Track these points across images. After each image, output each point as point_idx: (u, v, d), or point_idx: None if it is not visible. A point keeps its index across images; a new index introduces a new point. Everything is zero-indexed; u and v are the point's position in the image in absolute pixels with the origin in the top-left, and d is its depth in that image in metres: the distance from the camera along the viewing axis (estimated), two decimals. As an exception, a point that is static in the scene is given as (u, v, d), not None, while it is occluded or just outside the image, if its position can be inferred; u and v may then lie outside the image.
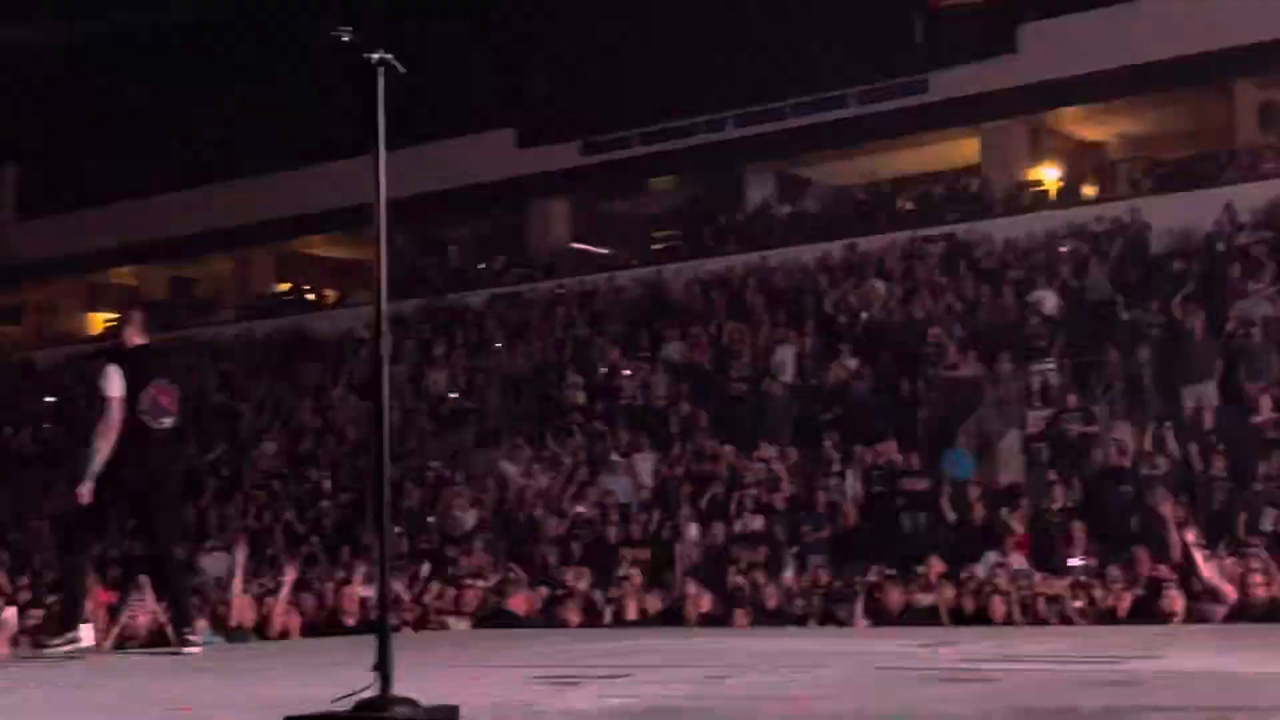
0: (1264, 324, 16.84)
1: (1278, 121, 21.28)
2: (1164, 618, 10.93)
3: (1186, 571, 11.92)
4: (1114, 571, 12.60)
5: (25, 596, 12.34)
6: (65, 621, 8.04)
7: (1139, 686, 5.21)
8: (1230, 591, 11.47)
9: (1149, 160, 22.08)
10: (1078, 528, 14.16)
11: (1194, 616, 11.04)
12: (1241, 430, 15.49)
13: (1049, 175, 22.95)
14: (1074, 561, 13.58)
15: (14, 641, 8.55)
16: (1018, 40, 22.05)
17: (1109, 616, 11.50)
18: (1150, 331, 17.70)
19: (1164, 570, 12.23)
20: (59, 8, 27.56)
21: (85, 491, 7.74)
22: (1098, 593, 12.08)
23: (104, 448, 7.66)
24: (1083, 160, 23.52)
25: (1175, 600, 11.19)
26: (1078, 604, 11.82)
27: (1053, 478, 15.64)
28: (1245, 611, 10.96)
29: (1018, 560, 13.51)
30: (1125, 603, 11.73)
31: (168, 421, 7.86)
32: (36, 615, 9.98)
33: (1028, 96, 22.62)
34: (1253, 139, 21.33)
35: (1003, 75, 22.31)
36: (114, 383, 7.72)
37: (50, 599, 10.61)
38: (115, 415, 7.63)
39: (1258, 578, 11.42)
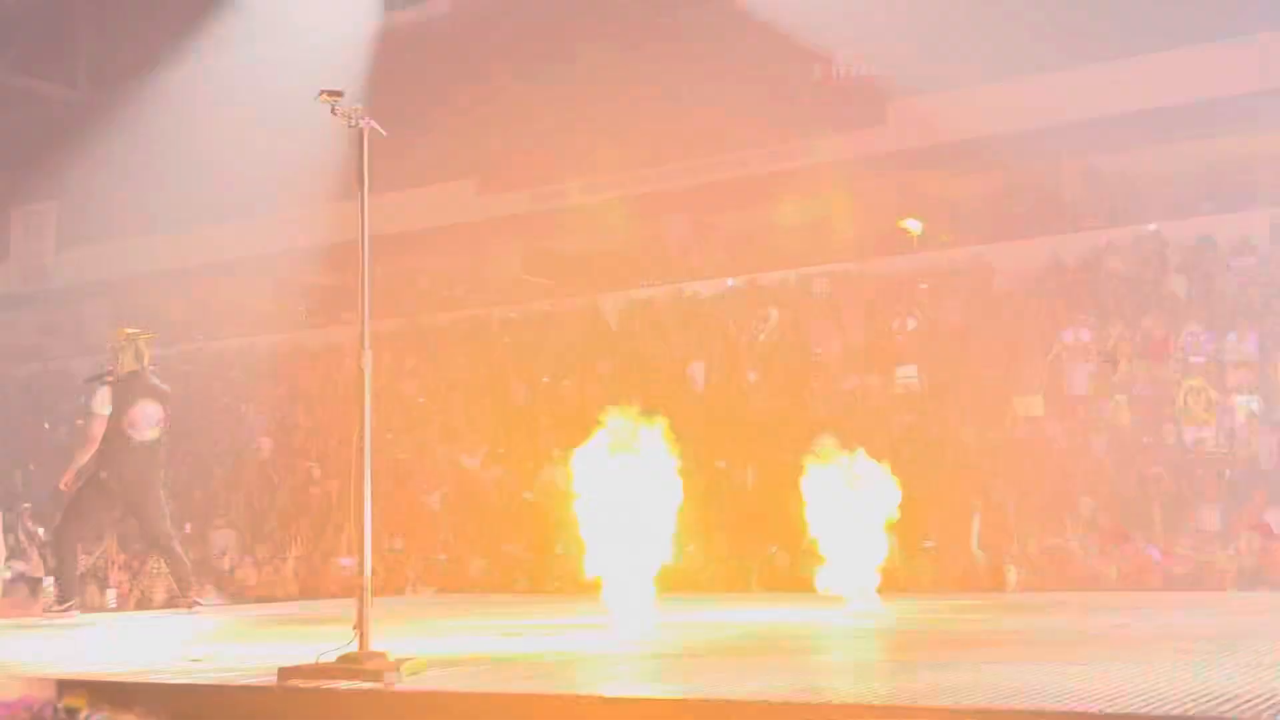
0: (1078, 348, 17.44)
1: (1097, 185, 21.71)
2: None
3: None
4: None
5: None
6: (63, 594, 8.41)
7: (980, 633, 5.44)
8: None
9: (991, 214, 22.34)
10: (928, 507, 14.67)
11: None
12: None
13: (912, 225, 23.21)
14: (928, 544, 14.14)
15: (48, 610, 8.67)
16: (886, 115, 22.39)
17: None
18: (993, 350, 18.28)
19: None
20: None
21: (65, 483, 8.17)
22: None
23: (80, 455, 8.06)
24: (940, 212, 23.79)
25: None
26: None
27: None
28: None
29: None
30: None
31: (149, 435, 8.22)
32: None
33: (890, 163, 22.66)
34: (1079, 197, 21.81)
35: (871, 141, 22.68)
36: (102, 402, 8.14)
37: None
38: (95, 429, 8.03)
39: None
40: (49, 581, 10.34)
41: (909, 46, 19.83)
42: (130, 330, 10.08)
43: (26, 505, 20.19)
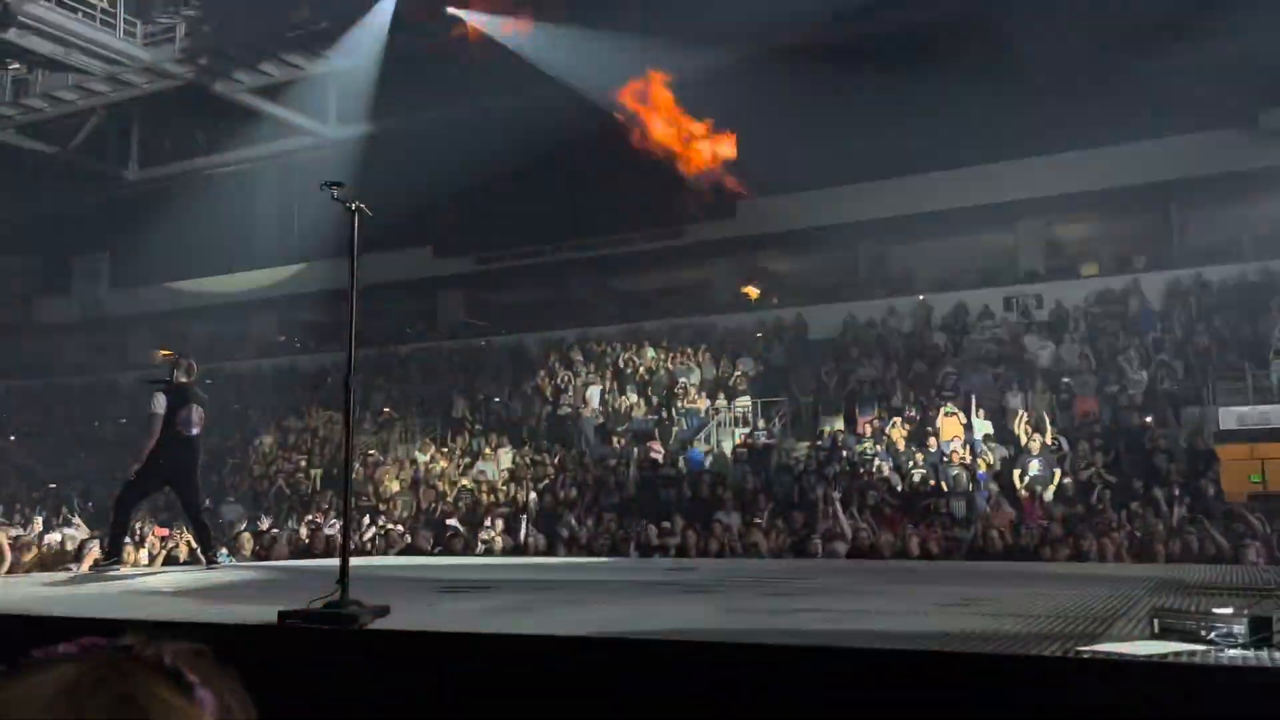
0: (868, 382, 17.82)
1: (883, 269, 22.22)
2: (810, 555, 11.23)
3: (832, 528, 12.54)
4: (781, 524, 13.22)
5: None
6: (111, 551, 8.26)
7: (799, 597, 5.58)
8: (849, 540, 12.12)
9: (808, 284, 22.74)
10: (763, 499, 14.74)
11: (827, 554, 11.62)
12: (855, 442, 16.28)
13: (753, 288, 23.42)
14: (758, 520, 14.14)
15: (95, 564, 8.58)
16: (736, 210, 22.69)
17: (785, 552, 12.02)
18: (809, 384, 18.61)
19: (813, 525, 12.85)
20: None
21: (134, 469, 8.08)
22: (779, 537, 12.65)
23: (146, 444, 7.97)
24: (768, 283, 24.11)
25: (817, 546, 11.63)
26: (765, 542, 12.37)
27: (748, 470, 16.30)
28: (857, 552, 11.54)
29: (732, 518, 13.77)
30: (785, 544, 12.28)
31: (194, 431, 8.15)
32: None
33: (740, 246, 23.23)
34: (871, 275, 22.27)
35: (727, 229, 23.01)
36: (159, 404, 8.08)
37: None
38: (155, 426, 7.95)
39: (864, 532, 12.14)
40: (91, 544, 10.04)
41: (751, 161, 20.13)
42: (167, 352, 10.02)
43: (78, 484, 19.76)
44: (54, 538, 12.30)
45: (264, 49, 21.58)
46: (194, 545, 9.69)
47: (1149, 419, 15.34)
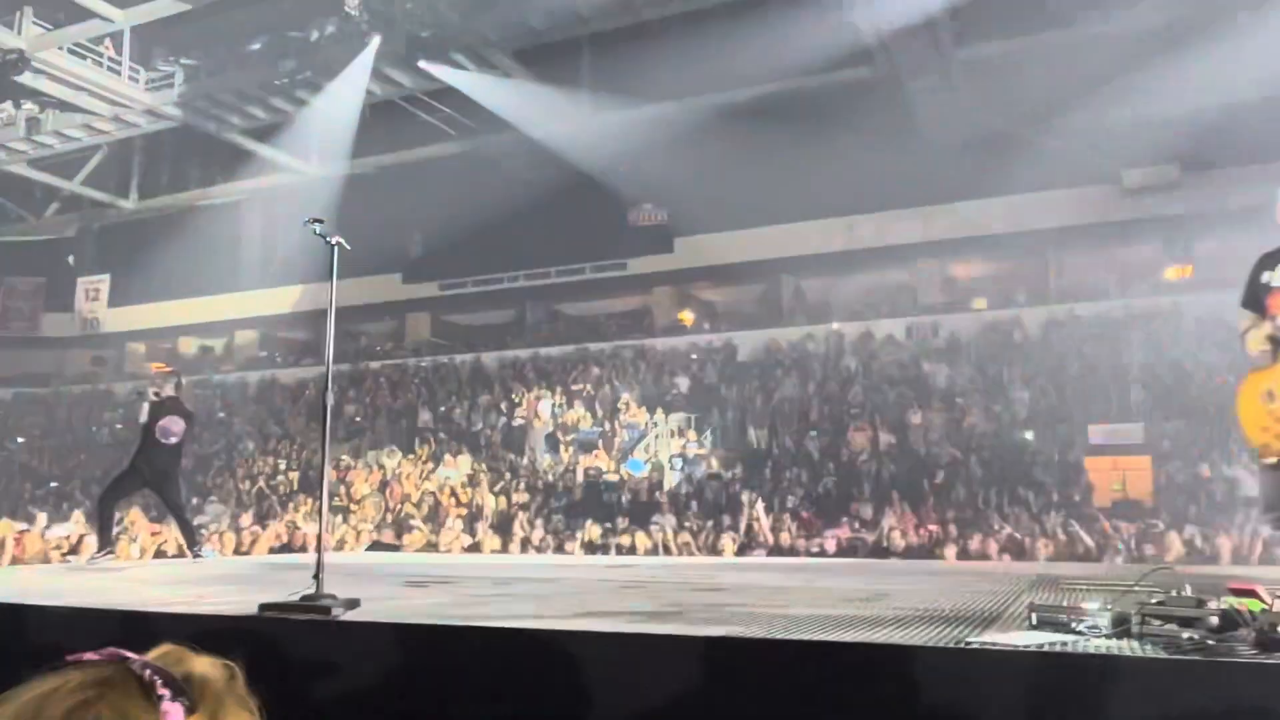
0: (788, 399, 17.93)
1: (801, 300, 22.42)
2: (736, 553, 11.40)
3: (751, 530, 12.59)
4: (710, 526, 13.25)
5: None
6: (101, 544, 8.13)
7: (723, 591, 5.60)
8: (770, 540, 12.19)
9: (737, 313, 22.86)
10: (695, 504, 14.71)
11: (749, 553, 11.66)
12: (780, 454, 16.38)
13: (687, 315, 23.49)
14: (679, 520, 14.10)
15: (91, 557, 8.46)
16: (674, 246, 22.87)
17: (708, 551, 12.12)
18: (737, 401, 18.65)
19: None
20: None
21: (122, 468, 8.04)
22: (708, 537, 12.64)
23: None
24: (701, 310, 24.20)
25: (743, 545, 11.70)
26: (695, 542, 12.38)
27: (682, 478, 16.33)
28: (777, 551, 11.63)
29: (667, 520, 13.81)
30: (721, 542, 12.32)
31: (172, 440, 8.05)
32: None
33: (675, 277, 23.40)
34: (791, 305, 22.49)
35: (664, 263, 23.14)
36: (141, 413, 8.06)
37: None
38: (139, 432, 7.97)
39: (785, 534, 12.22)
40: (88, 538, 9.86)
41: (687, 202, 20.28)
42: (160, 366, 9.83)
43: (78, 482, 19.27)
44: (55, 532, 11.97)
45: (253, 95, 21.35)
46: (181, 541, 9.52)
47: (1029, 434, 15.65)
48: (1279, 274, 4.03)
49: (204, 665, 0.88)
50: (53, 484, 19.99)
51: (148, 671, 0.85)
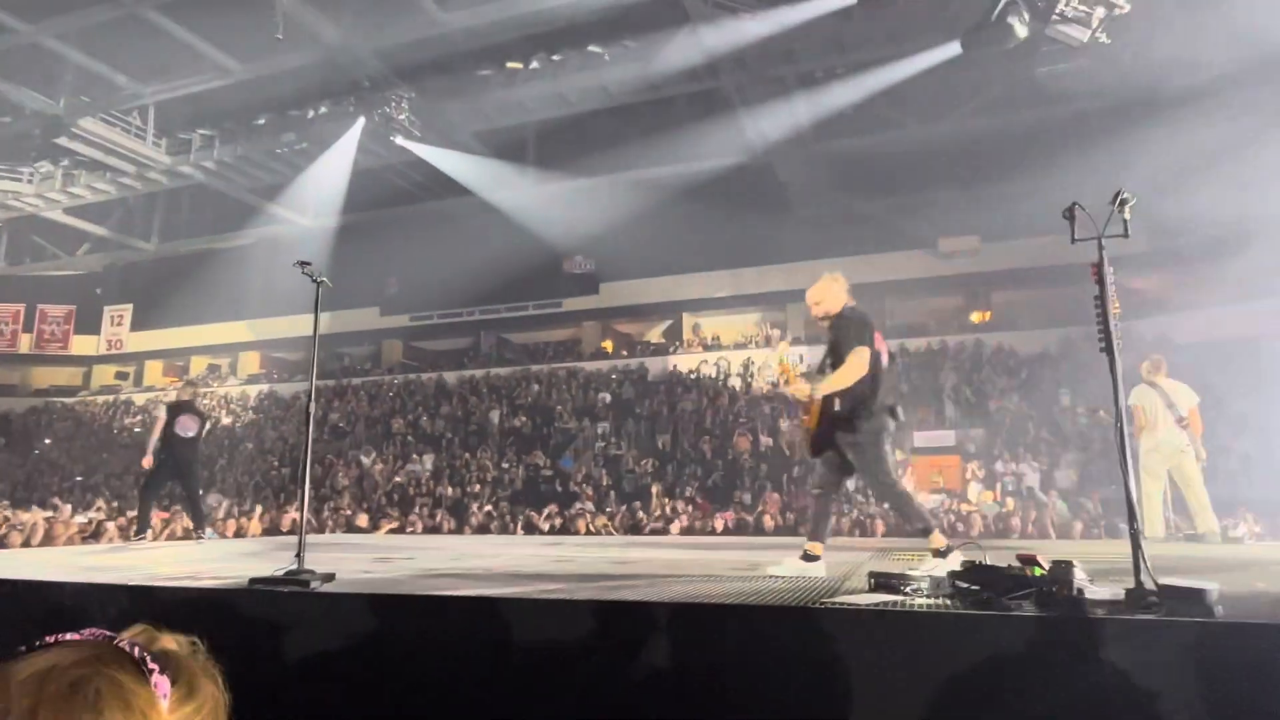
0: (689, 411, 17.96)
1: (698, 333, 22.54)
2: (644, 533, 11.31)
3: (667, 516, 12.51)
4: (625, 512, 13.18)
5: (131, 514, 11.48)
6: (139, 528, 7.72)
7: (633, 564, 5.49)
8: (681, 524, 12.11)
9: (646, 342, 22.95)
10: (613, 494, 14.65)
11: (658, 534, 11.58)
12: (681, 454, 16.39)
13: (609, 344, 23.42)
14: (607, 509, 14.00)
15: (129, 538, 8.07)
16: (599, 289, 22.81)
17: (627, 532, 12.00)
18: (647, 411, 18.64)
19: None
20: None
21: (145, 461, 7.66)
22: (624, 521, 12.59)
23: (149, 441, 7.66)
24: (620, 340, 24.15)
25: (651, 528, 11.52)
26: (613, 525, 12.30)
27: (604, 472, 16.21)
28: (689, 531, 11.56)
29: (588, 507, 13.69)
30: (627, 527, 12.24)
31: (189, 433, 7.72)
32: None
33: (600, 314, 23.31)
34: (690, 338, 22.62)
35: (591, 302, 23.07)
36: (160, 412, 7.74)
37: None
38: (158, 429, 7.64)
39: (684, 518, 12.18)
40: (108, 524, 9.36)
41: (610, 255, 20.26)
42: (173, 379, 9.46)
43: (100, 477, 18.21)
44: (80, 519, 11.32)
45: (259, 161, 20.71)
46: (188, 525, 9.11)
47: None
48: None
49: (173, 641, 0.80)
50: (77, 478, 18.87)
51: (136, 649, 0.78)
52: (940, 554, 3.88)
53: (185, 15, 15.14)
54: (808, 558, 4.00)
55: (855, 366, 4.06)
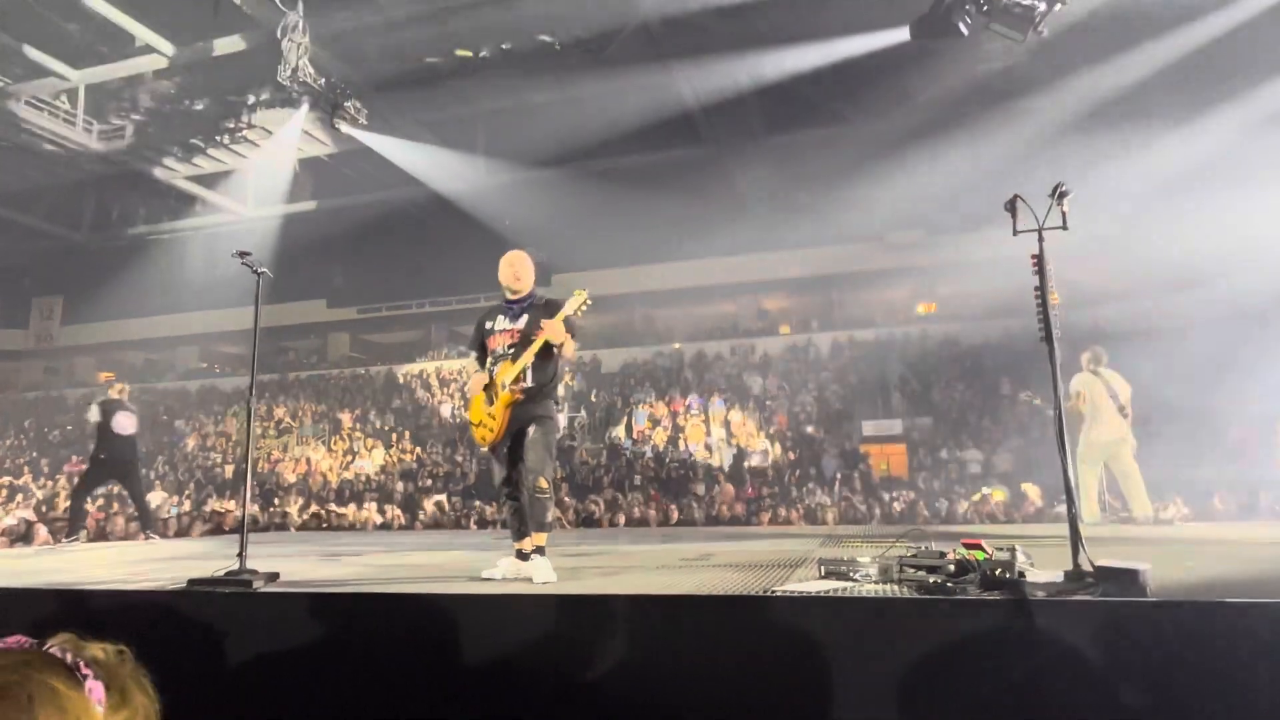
0: (640, 402, 17.96)
1: (651, 324, 22.55)
2: (598, 525, 11.13)
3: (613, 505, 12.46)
4: (578, 503, 13.11)
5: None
6: (71, 530, 7.48)
7: (587, 555, 5.47)
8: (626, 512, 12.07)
9: (605, 334, 22.86)
10: (566, 485, 14.51)
11: (611, 524, 11.54)
12: (631, 444, 16.37)
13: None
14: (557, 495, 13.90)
15: (60, 540, 7.80)
16: (551, 280, 22.57)
17: (579, 524, 11.87)
18: (600, 403, 18.60)
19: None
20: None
21: (80, 461, 7.51)
22: (577, 512, 12.49)
23: (90, 446, 7.55)
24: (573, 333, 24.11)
25: (604, 518, 11.59)
26: (566, 517, 12.20)
27: (556, 464, 16.17)
28: (631, 522, 11.54)
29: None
30: (580, 517, 12.15)
31: (128, 432, 7.53)
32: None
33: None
34: (643, 329, 22.60)
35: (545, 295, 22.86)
36: (94, 414, 7.54)
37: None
38: (91, 429, 7.53)
39: (636, 507, 12.13)
40: (39, 526, 9.01)
41: (562, 246, 20.12)
42: (108, 375, 9.12)
43: (30, 477, 17.46)
44: (9, 521, 10.83)
45: (197, 148, 20.02)
46: (125, 523, 8.84)
47: (821, 429, 16.24)
48: (499, 321, 4.05)
49: (100, 650, 0.76)
50: (6, 479, 18.07)
51: (69, 655, 0.74)
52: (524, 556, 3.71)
53: (116, -7, 14.55)
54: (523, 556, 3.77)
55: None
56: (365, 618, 2.88)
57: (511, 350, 3.93)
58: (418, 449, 17.20)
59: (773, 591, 2.76)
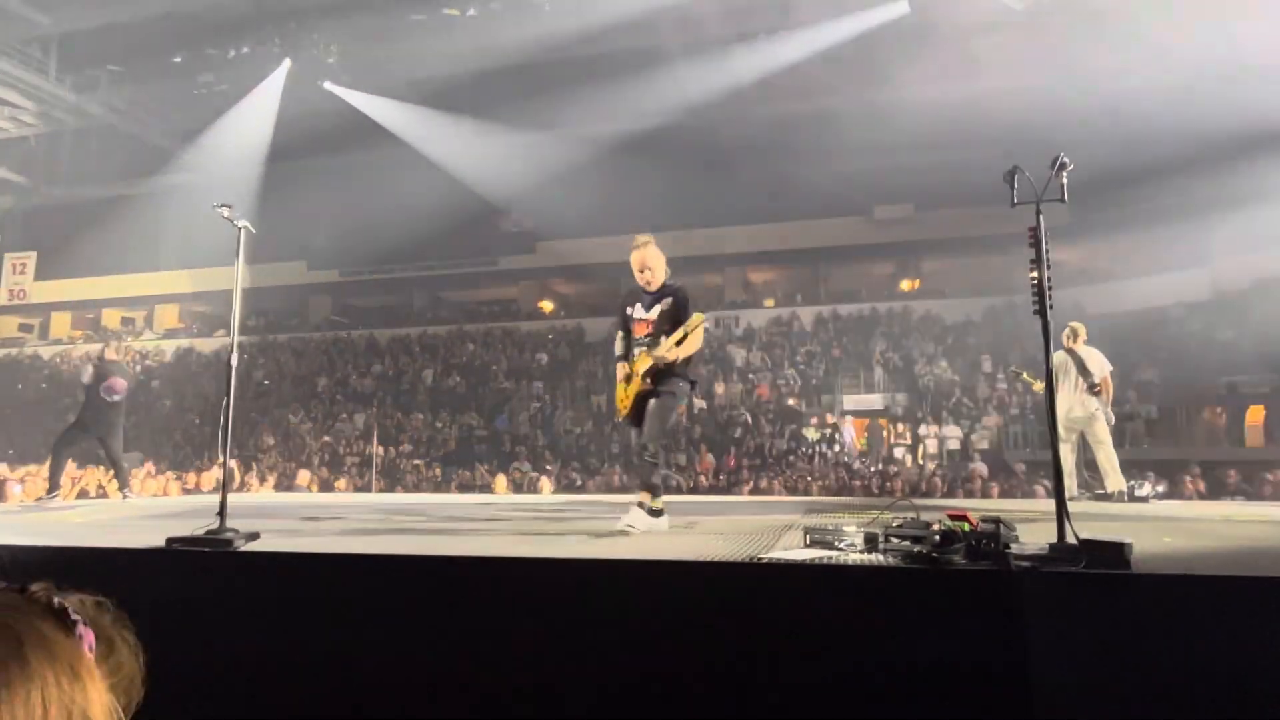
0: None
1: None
2: (583, 491, 11.35)
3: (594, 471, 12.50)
4: (560, 471, 13.16)
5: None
6: (50, 487, 7.43)
7: (568, 520, 5.40)
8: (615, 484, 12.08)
9: (589, 302, 22.73)
10: (548, 454, 14.62)
11: (596, 492, 11.55)
12: (615, 415, 16.34)
13: (547, 304, 23.18)
14: (541, 466, 13.94)
15: (39, 497, 7.74)
16: (535, 248, 22.47)
17: (563, 491, 11.88)
18: (584, 373, 18.54)
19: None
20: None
21: (69, 422, 7.44)
22: (560, 480, 12.54)
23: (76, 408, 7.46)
24: (557, 300, 23.94)
25: (588, 486, 11.60)
26: (549, 485, 12.24)
27: (539, 432, 16.11)
28: (624, 490, 11.56)
29: (525, 466, 13.63)
30: (563, 486, 12.22)
31: (116, 397, 7.46)
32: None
33: (538, 272, 22.98)
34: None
35: (528, 261, 22.75)
36: (86, 375, 7.47)
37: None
38: (82, 391, 7.44)
39: (618, 478, 12.16)
40: (11, 483, 8.92)
41: (547, 213, 19.95)
42: (84, 331, 8.91)
43: (3, 435, 17.24)
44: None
45: (174, 102, 19.54)
46: (102, 482, 8.79)
47: (802, 402, 16.33)
48: (637, 310, 4.36)
49: (78, 601, 0.72)
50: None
51: (55, 599, 0.70)
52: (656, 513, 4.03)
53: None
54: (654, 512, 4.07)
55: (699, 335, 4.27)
56: (343, 578, 2.85)
57: (647, 339, 4.24)
58: (399, 414, 17.11)
59: (759, 558, 2.75)
